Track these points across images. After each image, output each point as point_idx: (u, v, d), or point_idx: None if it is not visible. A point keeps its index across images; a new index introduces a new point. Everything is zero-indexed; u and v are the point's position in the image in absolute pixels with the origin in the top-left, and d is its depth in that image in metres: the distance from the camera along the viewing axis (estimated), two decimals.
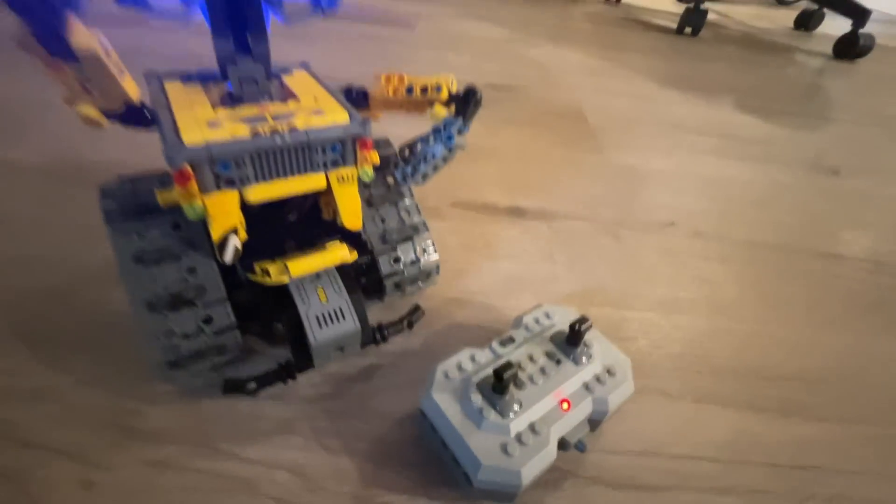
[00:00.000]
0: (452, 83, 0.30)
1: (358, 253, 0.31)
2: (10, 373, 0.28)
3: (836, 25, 1.33)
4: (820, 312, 0.41)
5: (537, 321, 0.30)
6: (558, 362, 0.27)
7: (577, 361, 0.27)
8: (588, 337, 0.28)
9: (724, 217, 0.53)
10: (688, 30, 1.36)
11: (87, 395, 0.28)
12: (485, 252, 0.43)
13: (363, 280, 0.33)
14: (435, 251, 0.34)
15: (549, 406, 0.25)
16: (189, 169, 0.23)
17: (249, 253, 0.27)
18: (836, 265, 0.47)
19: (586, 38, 1.18)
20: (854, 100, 0.98)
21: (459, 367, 0.27)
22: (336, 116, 0.26)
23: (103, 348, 0.30)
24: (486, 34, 1.09)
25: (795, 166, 0.66)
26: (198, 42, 0.31)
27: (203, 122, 0.24)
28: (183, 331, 0.26)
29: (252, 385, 0.27)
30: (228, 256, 0.26)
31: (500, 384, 0.24)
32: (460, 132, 0.30)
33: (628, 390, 0.27)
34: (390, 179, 0.34)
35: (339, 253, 0.29)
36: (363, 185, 0.31)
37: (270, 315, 0.30)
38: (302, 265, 0.27)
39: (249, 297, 0.29)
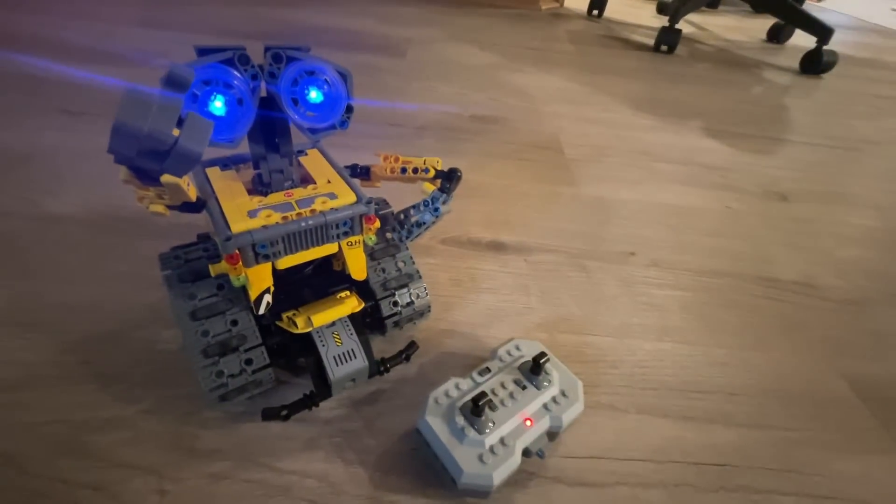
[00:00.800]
0: (438, 163, 0.38)
1: (363, 298, 0.38)
2: (87, 406, 0.35)
3: (807, 37, 1.40)
4: (751, 334, 0.49)
5: (509, 353, 0.38)
6: (524, 388, 0.35)
7: (538, 387, 0.35)
8: (548, 366, 0.36)
9: (679, 246, 0.60)
10: (664, 47, 1.44)
11: (153, 422, 0.35)
12: (469, 286, 0.50)
13: (368, 319, 0.41)
14: (427, 295, 0.41)
15: (516, 424, 0.33)
16: (238, 252, 0.30)
17: (275, 302, 0.34)
18: (771, 289, 0.55)
19: (568, 61, 1.25)
20: (811, 120, 1.06)
21: (447, 394, 0.34)
22: (347, 199, 0.33)
23: (159, 382, 0.37)
24: (473, 60, 1.16)
25: (749, 193, 0.74)
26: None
27: (244, 212, 0.31)
28: (230, 372, 0.33)
29: (284, 412, 0.34)
30: (262, 310, 0.33)
31: (477, 409, 0.32)
32: (444, 202, 0.37)
33: (579, 408, 0.35)
34: (389, 235, 0.41)
35: (351, 304, 0.36)
36: (366, 244, 0.38)
37: (295, 353, 0.38)
38: (322, 317, 0.34)
39: (278, 340, 0.36)
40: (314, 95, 0.29)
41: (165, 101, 0.21)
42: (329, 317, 0.35)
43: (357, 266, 0.36)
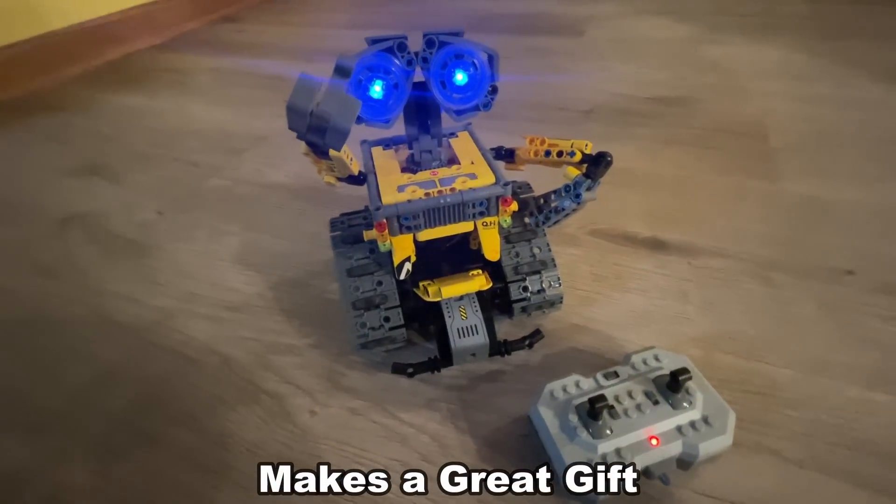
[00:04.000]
0: (587, 146, 0.35)
1: (494, 279, 0.39)
2: (275, 332, 0.45)
3: None
4: None
5: (645, 362, 0.34)
6: (656, 403, 0.31)
7: (675, 406, 0.30)
8: (690, 385, 0.31)
9: None
10: None
11: (315, 355, 0.42)
12: (614, 283, 0.46)
13: (497, 301, 0.41)
14: (559, 285, 0.39)
15: (638, 439, 0.29)
16: (385, 221, 0.34)
17: (415, 272, 0.37)
18: None
19: (796, 26, 1.00)
20: None
21: (565, 390, 0.33)
22: (486, 180, 0.34)
23: (322, 324, 0.45)
24: (662, 34, 1.03)
25: None
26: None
27: (394, 187, 0.34)
28: (371, 325, 0.38)
29: (411, 370, 0.38)
30: (402, 276, 0.36)
31: (593, 411, 0.29)
32: (589, 189, 0.35)
33: (724, 442, 0.29)
34: (527, 220, 0.41)
35: (479, 282, 0.37)
36: (502, 226, 0.39)
37: (426, 319, 0.41)
38: (451, 290, 0.36)
39: (413, 305, 0.40)
40: (460, 77, 0.30)
41: (331, 86, 0.25)
42: (457, 290, 0.37)
43: (491, 247, 0.37)
